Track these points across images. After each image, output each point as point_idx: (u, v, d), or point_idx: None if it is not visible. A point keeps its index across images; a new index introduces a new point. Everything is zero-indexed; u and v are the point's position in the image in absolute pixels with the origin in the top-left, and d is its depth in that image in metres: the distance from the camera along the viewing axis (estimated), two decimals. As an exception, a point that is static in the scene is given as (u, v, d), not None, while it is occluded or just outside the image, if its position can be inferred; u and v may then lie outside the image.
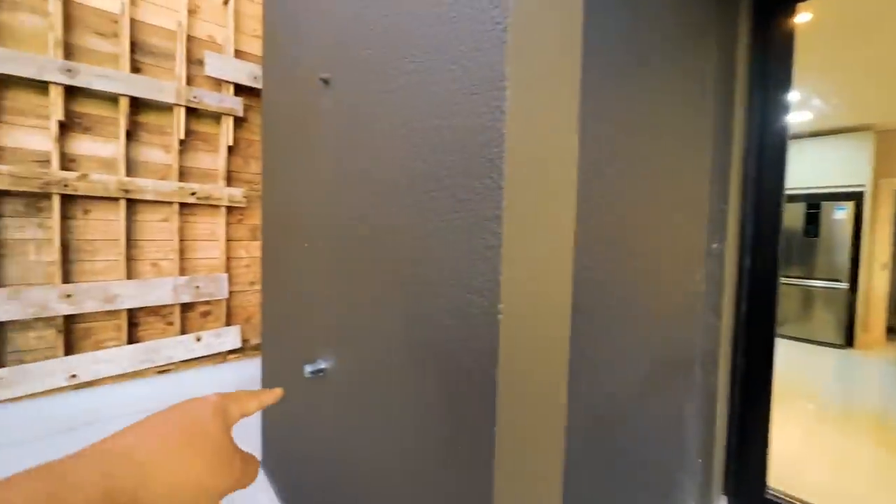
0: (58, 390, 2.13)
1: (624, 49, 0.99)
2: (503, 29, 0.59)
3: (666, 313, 1.28)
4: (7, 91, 1.99)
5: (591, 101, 0.89)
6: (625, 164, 1.02)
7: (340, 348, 1.12)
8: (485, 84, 0.62)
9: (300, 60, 1.34)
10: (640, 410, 1.18)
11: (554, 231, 0.69)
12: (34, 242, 2.09)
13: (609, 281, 0.97)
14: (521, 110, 0.60)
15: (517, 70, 0.59)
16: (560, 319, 0.72)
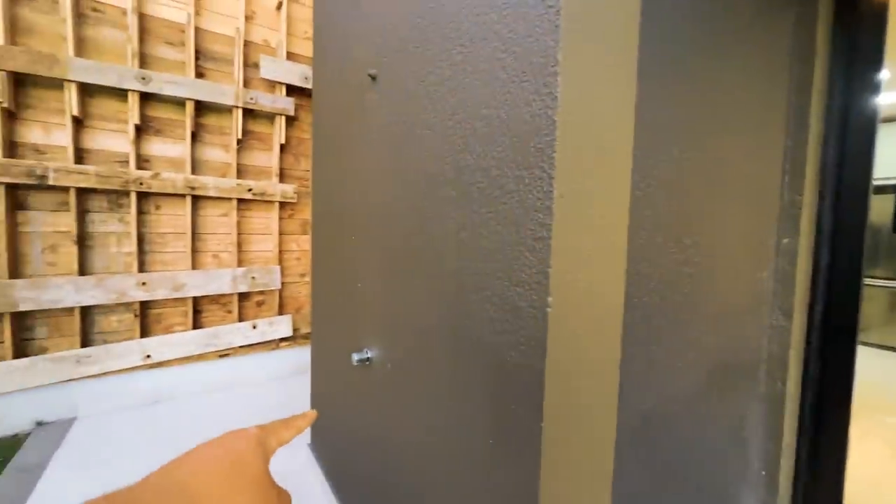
0: (135, 369, 2.36)
1: (685, 30, 0.92)
2: (556, 12, 0.57)
3: (727, 312, 1.19)
4: (92, 99, 2.21)
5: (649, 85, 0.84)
6: (685, 152, 0.95)
7: (386, 338, 1.14)
8: (536, 70, 0.60)
9: (348, 59, 1.37)
10: (697, 415, 1.11)
11: (607, 222, 0.66)
12: (115, 235, 2.32)
13: (664, 276, 0.92)
14: (574, 97, 0.58)
15: (571, 55, 0.57)
16: (612, 315, 0.69)
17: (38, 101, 2.09)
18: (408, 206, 0.99)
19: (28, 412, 2.12)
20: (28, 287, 2.05)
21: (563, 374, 0.62)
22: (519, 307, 0.65)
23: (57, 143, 2.14)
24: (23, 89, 2.05)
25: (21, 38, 2.03)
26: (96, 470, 1.80)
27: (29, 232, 2.11)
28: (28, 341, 2.14)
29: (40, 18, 2.07)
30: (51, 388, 2.16)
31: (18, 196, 2.07)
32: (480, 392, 0.75)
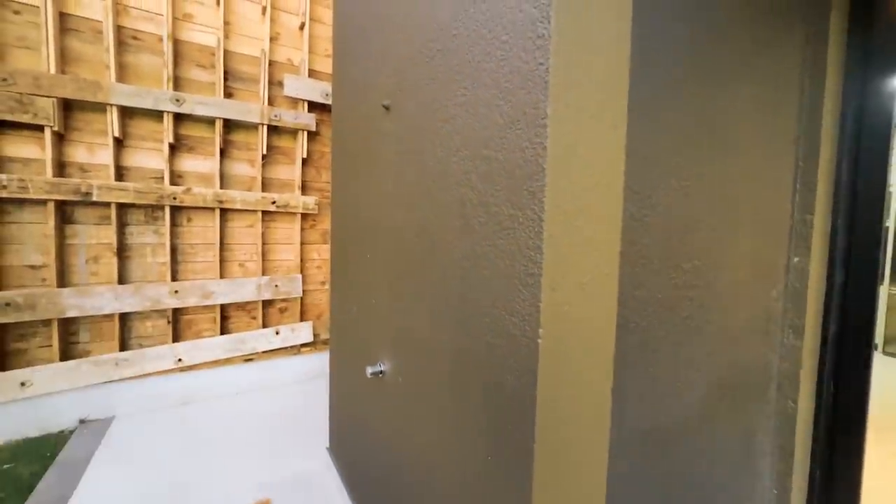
0: (168, 372, 2.52)
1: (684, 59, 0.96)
2: (546, 70, 0.62)
3: (733, 332, 1.21)
4: (132, 120, 2.39)
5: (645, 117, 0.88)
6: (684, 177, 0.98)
7: (397, 353, 1.21)
8: (529, 120, 0.66)
9: (365, 85, 1.45)
10: (702, 435, 1.13)
11: (598, 257, 0.70)
12: (150, 246, 2.49)
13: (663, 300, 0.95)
14: (562, 146, 0.63)
15: (559, 108, 0.62)
16: (604, 341, 0.73)
17: (83, 123, 2.27)
18: (417, 230, 1.06)
19: (73, 410, 2.29)
20: (74, 295, 2.23)
21: (554, 398, 0.67)
22: (513, 335, 0.70)
23: (100, 161, 2.32)
24: (70, 113, 2.23)
25: (69, 66, 2.21)
26: (134, 465, 1.94)
27: (75, 244, 2.29)
28: (73, 345, 2.32)
29: (86, 48, 2.25)
30: (93, 388, 2.33)
31: (66, 211, 2.25)
32: (481, 411, 0.80)
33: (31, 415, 2.19)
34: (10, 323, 2.13)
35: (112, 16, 2.25)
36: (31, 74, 2.07)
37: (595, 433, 0.73)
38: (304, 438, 2.20)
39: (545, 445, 0.66)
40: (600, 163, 0.68)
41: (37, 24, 2.12)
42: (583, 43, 0.65)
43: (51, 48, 2.12)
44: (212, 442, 2.17)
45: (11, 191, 2.05)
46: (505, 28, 0.72)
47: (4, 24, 2.07)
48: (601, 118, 0.68)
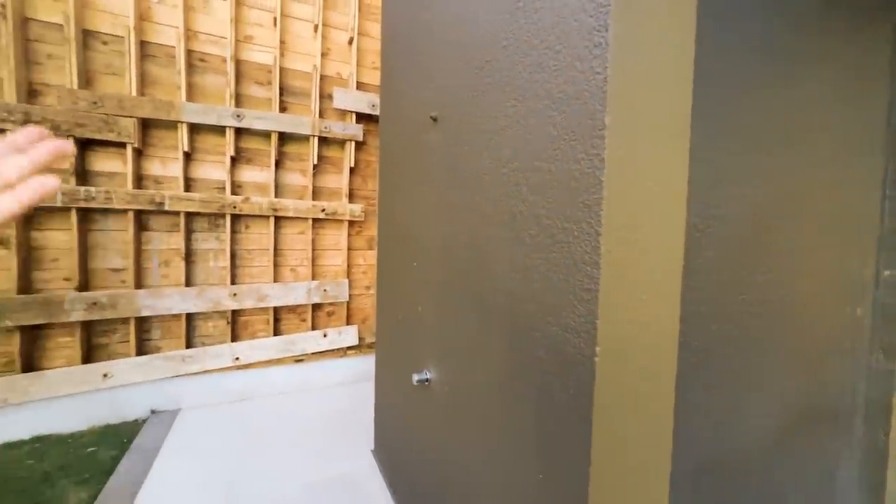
0: (226, 369, 2.69)
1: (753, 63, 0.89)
2: (604, 79, 0.60)
3: (810, 354, 1.10)
4: (198, 135, 2.59)
5: (711, 121, 0.83)
6: (754, 184, 0.91)
7: (443, 362, 1.22)
8: (584, 131, 0.64)
9: (412, 97, 1.48)
10: (773, 466, 1.03)
11: (659, 271, 0.67)
12: (213, 252, 2.68)
13: (729, 317, 0.89)
14: (621, 157, 0.61)
15: (618, 118, 0.60)
16: (664, 361, 0.69)
17: (158, 140, 2.50)
18: (464, 241, 1.06)
19: (145, 401, 2.51)
20: (148, 296, 2.45)
21: (611, 420, 0.64)
22: (567, 352, 0.68)
23: (171, 174, 2.53)
24: (147, 131, 2.46)
25: (147, 88, 2.44)
26: (198, 455, 2.09)
27: (149, 249, 2.52)
28: (146, 341, 2.55)
29: (161, 71, 2.47)
30: (162, 381, 2.54)
31: (143, 219, 2.48)
32: (531, 428, 0.78)
33: (110, 403, 2.43)
34: (96, 320, 2.38)
35: (183, 41, 2.46)
36: (116, 97, 2.31)
37: (656, 459, 0.68)
38: (350, 440, 2.26)
39: (601, 469, 0.63)
40: (662, 173, 0.65)
41: (121, 53, 2.36)
42: (643, 51, 0.62)
43: (132, 73, 2.35)
44: (265, 437, 2.28)
45: (99, 202, 2.30)
46: (559, 38, 0.71)
47: (95, 53, 2.33)
48: (663, 126, 0.64)
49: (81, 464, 2.04)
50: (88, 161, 2.35)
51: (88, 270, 2.38)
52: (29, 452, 2.13)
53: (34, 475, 1.94)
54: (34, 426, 2.25)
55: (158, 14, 2.45)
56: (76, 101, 2.23)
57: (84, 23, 2.28)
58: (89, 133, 2.26)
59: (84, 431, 2.33)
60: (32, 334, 2.27)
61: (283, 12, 2.73)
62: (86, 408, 2.37)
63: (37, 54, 2.21)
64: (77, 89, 2.24)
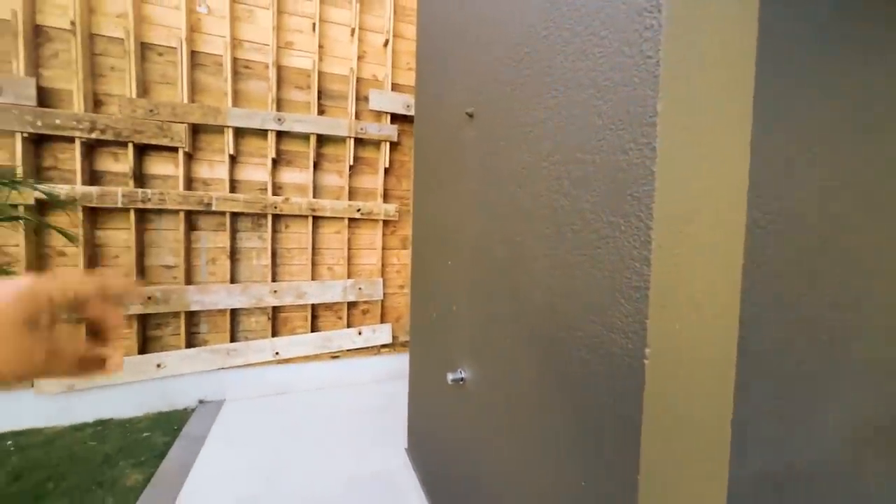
0: (267, 363, 2.80)
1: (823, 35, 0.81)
2: (656, 63, 0.56)
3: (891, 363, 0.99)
4: (242, 139, 2.71)
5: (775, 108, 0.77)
6: (825, 175, 0.83)
7: (479, 361, 1.20)
8: (634, 120, 0.60)
9: (447, 95, 1.48)
10: (850, 482, 0.94)
11: (716, 269, 0.62)
12: (255, 250, 2.79)
13: (796, 320, 0.81)
14: (674, 146, 0.57)
15: (671, 105, 0.56)
16: (722, 366, 0.64)
17: (206, 144, 2.63)
18: (501, 238, 1.04)
19: (194, 391, 2.65)
20: (197, 292, 2.59)
21: (662, 426, 0.60)
22: (613, 353, 0.64)
23: (218, 176, 2.67)
24: (197, 136, 2.61)
25: (197, 96, 2.59)
26: (242, 443, 2.18)
27: (198, 248, 2.66)
28: (195, 335, 2.69)
29: (209, 79, 2.61)
30: (209, 373, 2.67)
31: (192, 219, 2.63)
32: (572, 431, 0.75)
33: (163, 392, 2.58)
34: (151, 313, 2.54)
35: (230, 50, 2.58)
36: (170, 105, 2.46)
37: (712, 471, 0.64)
38: (384, 437, 2.29)
39: (652, 478, 0.59)
40: (720, 163, 0.60)
41: (174, 63, 2.51)
42: (699, 32, 0.58)
43: (184, 82, 2.50)
44: (303, 431, 2.35)
45: (154, 203, 2.45)
46: (604, 23, 0.67)
47: (151, 64, 2.49)
48: (721, 113, 0.60)
49: (137, 447, 2.18)
50: (145, 165, 2.51)
51: (144, 267, 2.54)
52: (92, 434, 2.30)
53: (96, 456, 2.09)
54: (97, 410, 2.44)
55: (207, 25, 2.58)
56: (135, 109, 2.40)
57: (142, 36, 2.45)
58: (146, 139, 2.42)
59: (140, 417, 2.50)
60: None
61: (322, 17, 2.81)
62: (141, 395, 2.53)
63: (101, 67, 2.39)
64: (135, 98, 2.41)
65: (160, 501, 1.77)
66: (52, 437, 2.26)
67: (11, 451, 2.12)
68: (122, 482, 1.90)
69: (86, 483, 1.88)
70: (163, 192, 2.47)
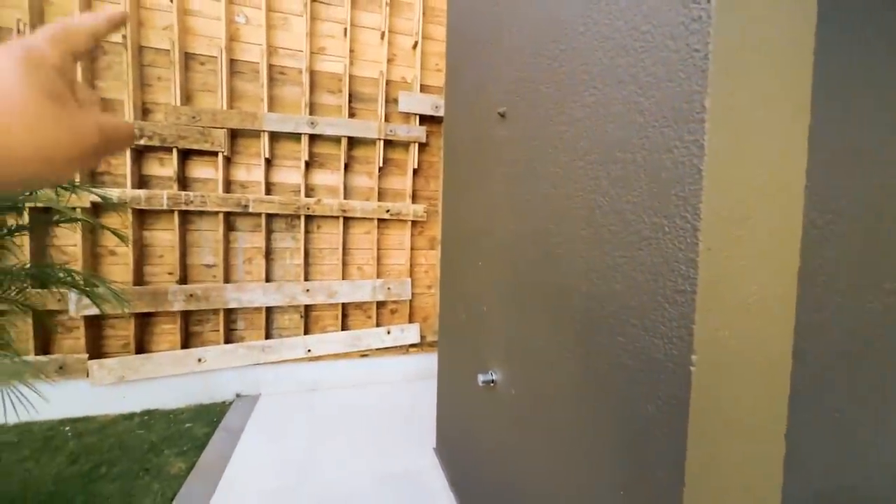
0: (299, 360, 2.88)
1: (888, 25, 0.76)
2: (704, 56, 0.54)
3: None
4: (277, 143, 2.81)
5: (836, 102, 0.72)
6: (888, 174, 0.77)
7: (510, 363, 1.19)
8: (679, 116, 0.58)
9: (479, 94, 1.47)
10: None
11: (768, 273, 0.59)
12: (289, 250, 2.88)
13: (856, 328, 0.76)
14: (724, 143, 0.54)
15: (721, 99, 0.53)
16: (775, 376, 0.61)
17: (243, 147, 2.74)
18: (534, 239, 1.02)
19: (231, 386, 2.76)
20: (234, 290, 2.70)
21: (709, 437, 0.58)
22: (656, 359, 0.62)
23: (254, 179, 2.77)
24: (235, 140, 2.72)
25: (235, 102, 2.70)
26: (277, 437, 2.26)
27: (236, 248, 2.77)
28: (232, 331, 2.81)
29: (247, 86, 2.72)
30: (245, 368, 2.78)
31: (231, 220, 2.74)
32: (611, 439, 0.73)
33: (203, 386, 2.71)
34: (192, 310, 2.67)
35: (266, 57, 2.68)
36: (211, 111, 2.58)
37: (764, 485, 0.60)
38: (412, 436, 2.30)
39: (698, 492, 0.57)
40: (774, 161, 0.57)
41: (214, 71, 2.63)
42: (751, 21, 0.55)
43: (224, 89, 2.61)
44: (334, 426, 2.41)
45: (196, 205, 2.58)
46: (646, 17, 0.65)
47: (193, 73, 2.62)
48: (776, 107, 0.56)
49: (180, 437, 2.30)
50: (187, 169, 2.64)
51: (186, 266, 2.67)
52: (139, 424, 2.44)
53: (143, 444, 2.22)
54: (144, 401, 2.59)
55: (245, 34, 2.69)
56: (179, 116, 2.53)
57: (186, 46, 2.57)
58: (189, 144, 2.55)
59: (182, 409, 2.63)
60: (144, 321, 2.61)
61: (353, 22, 2.87)
62: (184, 387, 2.67)
63: (149, 77, 2.54)
64: (179, 106, 2.54)
65: (202, 488, 1.85)
66: (105, 424, 2.42)
67: (69, 436, 2.28)
68: (167, 470, 2.00)
69: (134, 469, 2.00)
70: (204, 194, 2.59)
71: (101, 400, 2.51)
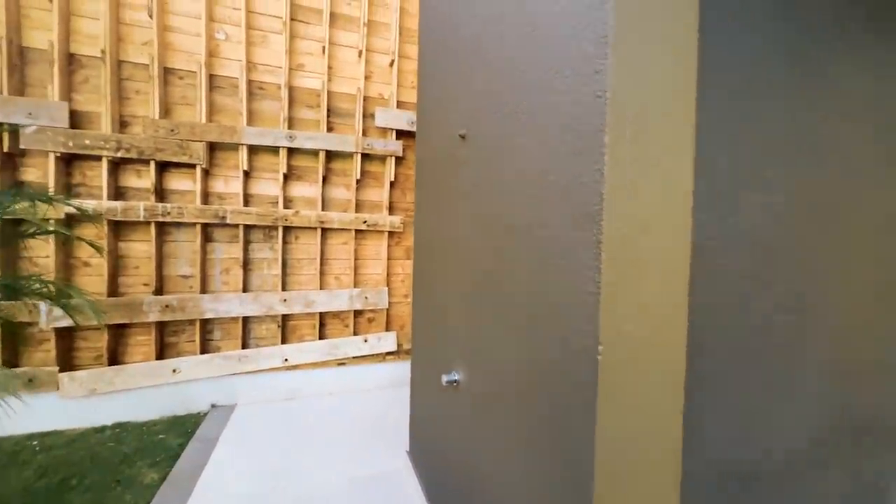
0: (276, 369, 2.91)
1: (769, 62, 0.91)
2: (604, 102, 0.66)
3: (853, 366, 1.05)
4: (255, 155, 2.87)
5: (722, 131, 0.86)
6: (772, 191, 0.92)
7: (471, 364, 1.29)
8: (587, 147, 0.70)
9: (445, 116, 1.59)
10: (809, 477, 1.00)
11: (663, 278, 0.71)
12: (266, 261, 2.93)
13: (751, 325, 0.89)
14: (621, 172, 0.66)
15: (618, 138, 0.66)
16: (672, 364, 0.73)
17: (222, 160, 2.80)
18: (489, 250, 1.14)
19: (207, 396, 2.77)
20: (211, 300, 2.72)
21: (616, 415, 0.69)
22: (575, 351, 0.73)
23: (233, 191, 2.82)
24: (213, 153, 2.77)
25: (214, 116, 2.76)
26: (252, 446, 2.28)
27: (213, 258, 2.80)
28: (209, 341, 2.82)
29: (226, 100, 2.79)
30: (221, 379, 2.79)
31: (208, 232, 2.78)
32: (546, 426, 0.83)
33: (178, 397, 2.71)
34: (168, 321, 2.68)
35: (245, 72, 2.76)
36: (189, 125, 2.64)
37: (665, 459, 0.71)
38: (387, 440, 2.37)
39: (606, 465, 0.68)
40: (665, 186, 0.70)
41: (194, 86, 2.70)
42: (643, 72, 0.68)
43: (203, 103, 2.67)
44: (310, 434, 2.45)
45: (174, 216, 2.61)
46: (568, 63, 0.78)
47: (172, 87, 2.68)
48: (664, 144, 0.69)
49: (153, 448, 2.30)
50: (165, 181, 2.68)
51: (163, 277, 2.69)
52: (111, 436, 2.43)
53: (115, 456, 2.21)
54: (116, 413, 2.57)
55: (225, 50, 2.77)
56: (157, 129, 2.57)
57: (165, 61, 2.63)
58: (167, 156, 2.59)
59: (156, 420, 2.62)
60: (117, 332, 2.61)
61: (331, 40, 2.98)
62: (158, 399, 2.66)
63: (127, 91, 2.58)
64: (158, 119, 2.58)
65: (175, 498, 1.87)
66: (74, 437, 2.39)
67: (37, 450, 2.25)
68: (140, 480, 2.01)
69: (106, 481, 2.00)
70: (181, 206, 2.63)
71: (71, 413, 2.49)
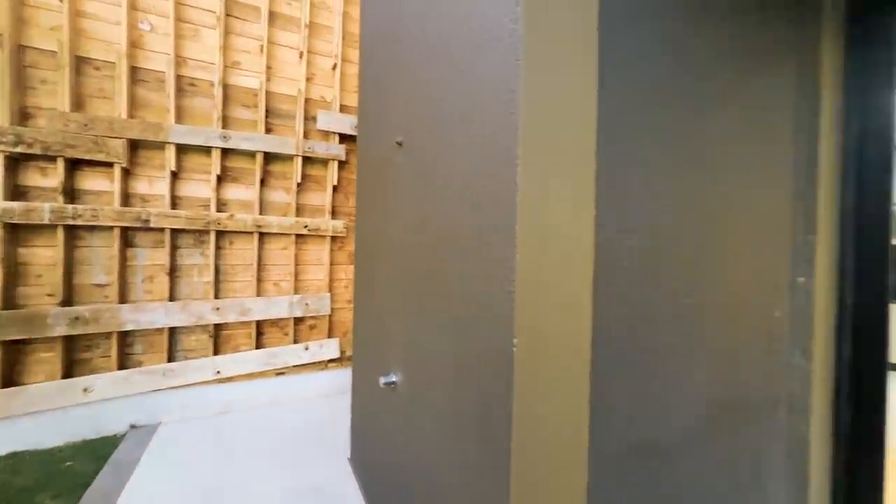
0: (208, 383, 2.73)
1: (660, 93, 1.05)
2: (516, 118, 0.74)
3: (733, 351, 1.23)
4: (185, 155, 2.70)
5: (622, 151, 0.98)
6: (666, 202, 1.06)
7: (408, 365, 1.32)
8: (502, 161, 0.77)
9: (383, 122, 1.63)
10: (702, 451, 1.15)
11: (570, 278, 0.80)
12: (197, 267, 2.75)
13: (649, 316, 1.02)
14: (531, 182, 0.74)
15: (527, 150, 0.73)
16: (579, 354, 0.81)
17: (146, 159, 2.60)
18: (425, 252, 1.18)
19: (124, 416, 2.53)
20: (132, 311, 2.50)
21: (530, 400, 0.76)
22: (498, 348, 0.80)
23: (158, 192, 2.63)
24: (136, 151, 2.57)
25: (137, 111, 2.56)
26: (176, 468, 2.12)
27: (134, 265, 2.58)
28: (129, 356, 2.59)
29: (151, 95, 2.60)
30: (143, 396, 2.57)
31: (129, 236, 2.56)
32: (473, 419, 0.89)
33: (90, 418, 2.45)
34: (79, 335, 2.42)
35: (173, 67, 2.59)
36: (107, 120, 2.42)
37: (573, 438, 0.80)
38: (328, 449, 2.32)
39: (522, 446, 0.75)
40: (571, 195, 0.78)
41: (112, 77, 2.48)
42: (549, 95, 0.76)
43: (123, 97, 2.47)
44: (245, 449, 2.32)
45: (86, 219, 2.38)
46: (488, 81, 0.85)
47: (87, 78, 2.45)
48: (569, 158, 0.78)
49: (58, 477, 2.06)
50: (77, 180, 2.43)
51: (73, 286, 2.43)
52: (3, 467, 2.14)
53: (10, 489, 1.95)
54: (12, 442, 2.26)
55: (150, 42, 2.58)
56: (67, 123, 2.33)
57: (77, 49, 2.40)
58: (79, 154, 2.36)
59: (62, 446, 2.34)
60: (14, 349, 2.31)
61: (270, 40, 2.90)
62: (65, 423, 2.38)
63: (31, 79, 2.32)
64: (69, 112, 2.35)
65: (84, 530, 1.69)
66: (-43, 472, 2.07)
67: None
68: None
69: (-3, 518, 1.76)
70: (96, 207, 2.40)
71: (-49, 444, 2.15)
